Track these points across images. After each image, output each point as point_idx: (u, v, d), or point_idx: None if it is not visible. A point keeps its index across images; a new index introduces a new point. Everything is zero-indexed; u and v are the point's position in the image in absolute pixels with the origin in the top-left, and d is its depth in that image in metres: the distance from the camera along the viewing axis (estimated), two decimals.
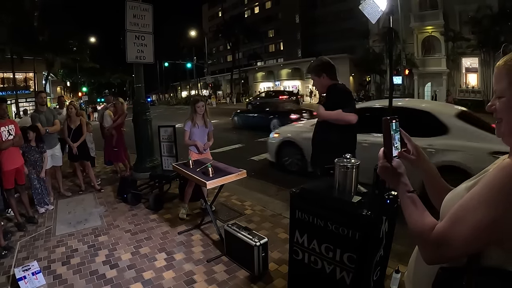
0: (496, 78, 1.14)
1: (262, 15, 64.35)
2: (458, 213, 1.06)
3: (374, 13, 7.21)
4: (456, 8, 26.23)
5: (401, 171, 1.33)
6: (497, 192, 0.99)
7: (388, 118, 1.35)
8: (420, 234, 1.16)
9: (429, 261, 1.14)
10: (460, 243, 1.03)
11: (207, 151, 5.71)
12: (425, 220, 1.18)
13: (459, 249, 1.04)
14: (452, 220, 1.07)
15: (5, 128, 5.08)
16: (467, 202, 1.06)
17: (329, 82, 3.97)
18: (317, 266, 2.64)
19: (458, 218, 1.05)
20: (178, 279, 3.69)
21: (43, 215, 5.84)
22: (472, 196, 1.06)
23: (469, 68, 27.39)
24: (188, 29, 55.46)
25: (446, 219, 1.09)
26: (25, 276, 3.52)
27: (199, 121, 5.50)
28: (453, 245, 1.04)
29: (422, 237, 1.15)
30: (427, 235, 1.12)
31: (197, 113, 5.45)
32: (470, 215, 1.02)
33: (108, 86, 69.25)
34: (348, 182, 2.52)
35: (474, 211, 1.01)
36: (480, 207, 1.00)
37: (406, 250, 3.68)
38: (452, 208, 1.10)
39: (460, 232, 1.03)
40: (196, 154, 5.52)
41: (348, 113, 3.67)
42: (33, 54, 33.21)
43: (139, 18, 7.06)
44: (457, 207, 1.08)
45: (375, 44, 33.19)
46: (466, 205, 1.05)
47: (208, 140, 5.62)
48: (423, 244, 1.15)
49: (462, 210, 1.05)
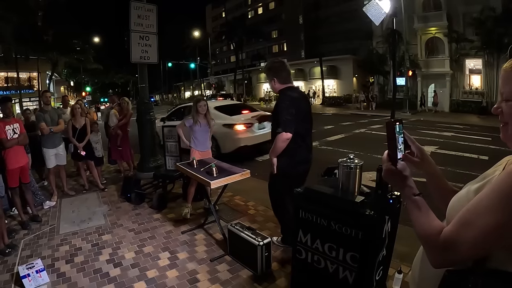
0: (503, 81, 1.14)
1: (265, 15, 64.17)
2: (466, 217, 1.06)
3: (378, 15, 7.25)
4: (460, 9, 26.09)
5: (406, 174, 1.31)
6: (505, 197, 0.98)
7: (392, 120, 1.34)
8: (427, 238, 1.16)
9: (436, 265, 1.14)
10: (467, 247, 1.03)
11: (209, 151, 5.77)
12: (432, 224, 1.17)
13: (467, 252, 1.04)
14: (460, 223, 1.07)
15: (10, 127, 5.12)
16: (475, 206, 1.06)
17: (280, 86, 3.96)
18: (320, 266, 2.65)
19: (466, 221, 1.05)
20: (182, 278, 3.71)
21: (47, 213, 5.87)
22: (480, 200, 1.05)
23: (473, 69, 27.28)
24: (191, 29, 55.52)
25: (454, 222, 1.09)
26: (29, 274, 3.55)
27: (201, 120, 5.59)
28: (460, 249, 1.04)
29: (429, 241, 1.15)
30: (435, 239, 1.12)
31: (199, 112, 5.52)
32: (478, 219, 1.02)
33: (112, 86, 69.51)
34: (351, 182, 2.53)
35: (482, 215, 1.01)
36: (488, 211, 1.00)
37: (408, 251, 3.68)
38: (460, 212, 1.10)
39: (468, 236, 1.03)
40: (198, 152, 5.58)
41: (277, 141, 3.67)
42: (37, 54, 33.30)
43: (143, 19, 7.07)
44: (465, 211, 1.08)
45: (378, 45, 33.08)
46: (474, 209, 1.05)
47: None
48: (431, 247, 1.15)
49: (470, 214, 1.06)
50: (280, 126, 3.65)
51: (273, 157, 3.82)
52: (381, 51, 32.58)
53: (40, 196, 6.29)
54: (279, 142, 3.67)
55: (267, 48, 63.35)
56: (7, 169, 5.08)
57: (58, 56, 36.21)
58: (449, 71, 27.60)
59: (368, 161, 2.60)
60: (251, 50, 60.22)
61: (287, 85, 3.96)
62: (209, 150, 5.85)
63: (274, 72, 3.97)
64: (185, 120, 5.66)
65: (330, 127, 17.33)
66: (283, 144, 3.68)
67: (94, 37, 45.53)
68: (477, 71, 26.90)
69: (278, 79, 3.95)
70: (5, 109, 5.20)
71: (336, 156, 2.96)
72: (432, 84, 29.35)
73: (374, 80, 37.38)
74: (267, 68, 4.10)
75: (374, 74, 36.02)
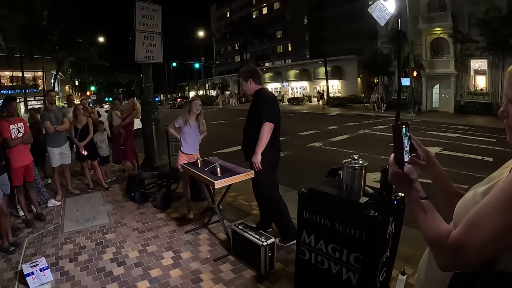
0: (509, 84, 1.12)
1: (270, 15, 64.12)
2: (474, 220, 1.05)
3: (383, 16, 7.23)
4: (465, 9, 25.94)
5: (413, 177, 1.30)
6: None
7: (399, 123, 1.33)
8: (435, 241, 1.15)
9: (444, 268, 1.13)
10: (476, 250, 1.02)
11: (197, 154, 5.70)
12: (440, 227, 1.16)
13: (475, 255, 1.03)
14: (468, 226, 1.05)
15: (14, 126, 5.15)
16: (483, 208, 1.04)
17: (256, 87, 4.45)
18: (323, 266, 2.65)
19: (474, 224, 1.04)
20: (185, 277, 3.72)
21: (51, 212, 5.90)
22: (488, 202, 1.04)
23: (478, 70, 27.14)
24: (196, 29, 55.64)
25: (462, 225, 1.08)
26: (32, 272, 3.56)
27: (192, 121, 5.52)
28: (469, 252, 1.03)
29: (437, 244, 1.14)
30: (443, 242, 1.10)
31: (192, 111, 5.49)
32: (486, 221, 1.01)
33: (116, 85, 69.61)
34: (355, 183, 2.53)
35: (490, 218, 1.00)
36: (497, 214, 0.99)
37: (412, 252, 3.69)
38: (468, 215, 1.08)
39: (476, 238, 1.01)
40: (185, 156, 5.59)
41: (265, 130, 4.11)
42: (43, 53, 33.44)
43: (148, 19, 7.09)
44: (473, 213, 1.06)
45: (383, 45, 32.94)
46: (482, 211, 1.03)
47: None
48: (439, 251, 1.14)
49: (478, 216, 1.04)
50: (264, 117, 4.12)
51: (261, 149, 4.14)
52: (386, 51, 32.46)
53: (45, 193, 6.32)
54: (267, 131, 4.12)
55: (271, 48, 63.32)
56: (12, 168, 5.10)
57: (63, 56, 36.35)
58: (454, 71, 27.44)
59: (372, 162, 2.59)
60: (256, 50, 60.20)
61: (261, 86, 4.51)
62: (197, 153, 5.76)
63: (251, 74, 4.47)
64: (175, 121, 5.61)
65: (334, 128, 17.33)
66: (270, 133, 4.15)
67: (99, 37, 45.72)
68: (482, 72, 26.76)
69: (254, 81, 4.43)
70: (10, 108, 5.22)
71: (340, 156, 2.97)
72: (437, 84, 29.24)
73: (378, 80, 37.29)
74: (244, 71, 4.60)
75: (379, 75, 35.91)
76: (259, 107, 4.24)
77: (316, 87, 44.95)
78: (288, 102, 44.77)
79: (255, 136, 4.16)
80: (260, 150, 4.13)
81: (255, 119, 4.25)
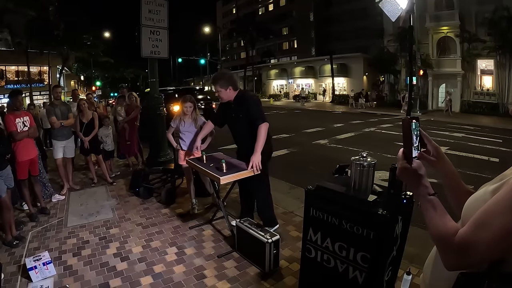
0: None
1: (276, 12, 64.06)
2: (482, 218, 1.02)
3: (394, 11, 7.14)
4: (472, 9, 25.74)
5: (422, 173, 1.27)
6: None
7: (409, 118, 1.31)
8: (442, 239, 1.13)
9: (450, 267, 1.11)
10: (483, 249, 1.00)
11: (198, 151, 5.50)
12: (447, 225, 1.14)
13: (482, 255, 1.01)
14: (476, 224, 1.03)
15: (20, 120, 5.16)
16: (492, 207, 1.02)
17: (234, 93, 4.46)
18: (329, 265, 2.61)
19: (482, 223, 1.02)
20: (188, 273, 3.70)
21: (55, 206, 5.90)
22: (497, 200, 1.02)
23: (484, 70, 26.97)
24: (202, 25, 55.53)
25: (470, 224, 1.05)
26: (35, 266, 3.55)
27: (187, 119, 5.45)
28: (476, 251, 1.01)
29: (444, 242, 1.12)
30: (450, 241, 1.08)
31: (184, 113, 5.43)
32: (494, 220, 0.98)
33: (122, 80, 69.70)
34: (364, 181, 2.49)
35: (498, 217, 0.98)
36: (505, 213, 0.97)
37: (417, 252, 3.66)
38: (476, 213, 1.06)
39: (484, 237, 0.99)
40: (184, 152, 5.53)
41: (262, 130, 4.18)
42: (49, 48, 33.52)
43: (154, 13, 7.08)
44: (481, 212, 1.04)
45: (389, 43, 32.82)
46: (491, 210, 1.01)
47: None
48: (445, 249, 1.12)
49: (486, 214, 1.02)
50: (259, 119, 4.20)
51: (261, 148, 4.16)
52: (392, 49, 32.35)
53: (50, 188, 6.32)
54: (265, 131, 4.20)
55: (277, 45, 63.20)
56: (17, 161, 5.12)
57: (69, 51, 36.44)
58: (460, 71, 27.29)
59: (378, 160, 2.55)
60: (262, 46, 60.02)
61: (238, 90, 4.53)
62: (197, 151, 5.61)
63: (229, 81, 4.44)
64: (171, 122, 5.52)
65: (339, 125, 17.29)
66: (265, 133, 4.21)
67: (105, 32, 45.80)
68: (489, 72, 26.59)
69: (233, 87, 4.44)
70: (16, 102, 5.23)
71: (346, 154, 2.95)
72: (443, 84, 29.10)
73: (384, 78, 37.20)
74: (221, 78, 4.47)
75: (385, 73, 35.83)
76: (249, 110, 4.29)
77: (322, 84, 44.87)
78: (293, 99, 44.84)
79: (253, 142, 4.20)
80: (260, 150, 4.14)
81: (247, 124, 4.33)
